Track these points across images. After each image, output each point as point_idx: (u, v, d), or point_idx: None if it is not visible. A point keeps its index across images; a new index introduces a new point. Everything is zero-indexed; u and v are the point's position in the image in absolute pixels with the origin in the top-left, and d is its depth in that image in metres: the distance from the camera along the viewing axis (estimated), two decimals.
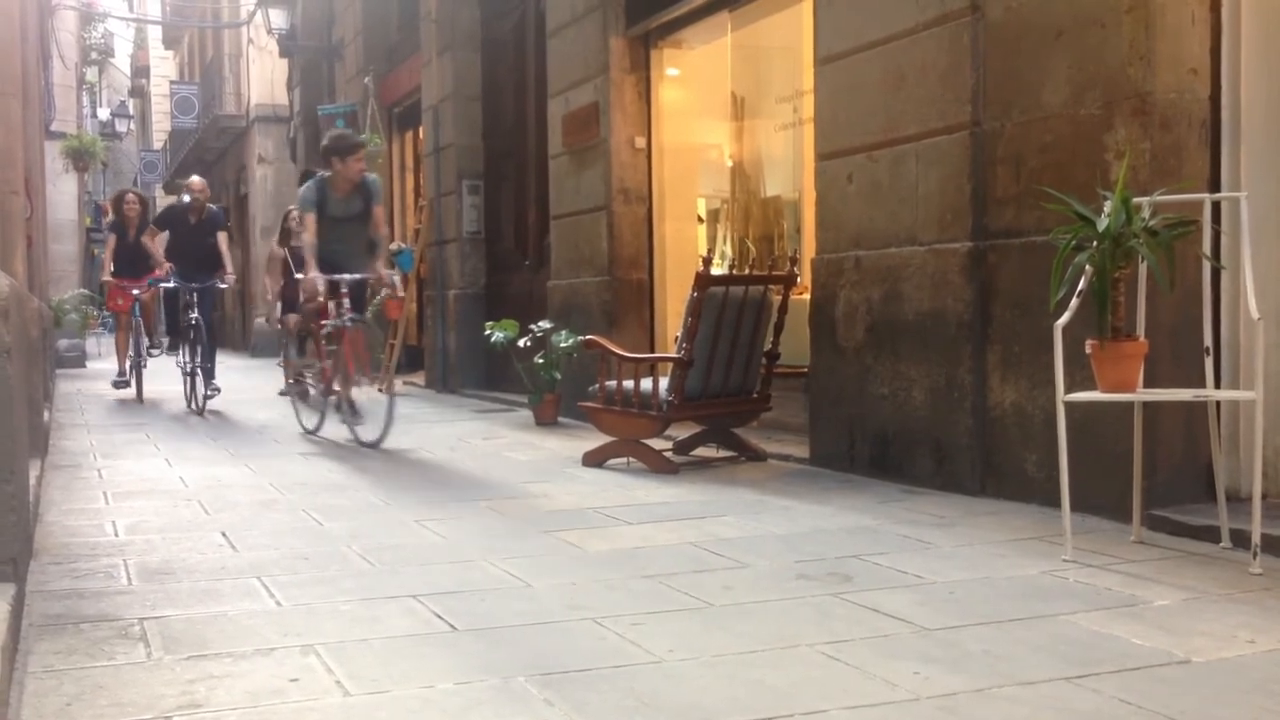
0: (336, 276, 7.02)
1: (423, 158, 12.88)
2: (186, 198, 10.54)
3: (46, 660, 2.74)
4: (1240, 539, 3.69)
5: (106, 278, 10.71)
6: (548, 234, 9.45)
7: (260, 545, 4.10)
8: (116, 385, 10.79)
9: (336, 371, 7.12)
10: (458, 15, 11.49)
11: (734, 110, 8.51)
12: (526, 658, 2.74)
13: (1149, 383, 3.84)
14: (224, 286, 10.27)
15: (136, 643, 2.89)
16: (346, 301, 7.08)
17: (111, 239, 10.92)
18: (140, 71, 39.63)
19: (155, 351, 11.02)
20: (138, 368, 10.60)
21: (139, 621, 3.07)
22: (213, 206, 10.76)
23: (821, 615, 3.11)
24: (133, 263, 10.58)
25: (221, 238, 10.25)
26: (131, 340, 10.57)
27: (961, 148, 4.91)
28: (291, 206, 11.81)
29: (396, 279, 7.30)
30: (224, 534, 4.30)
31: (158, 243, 10.28)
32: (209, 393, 9.59)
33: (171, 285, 9.85)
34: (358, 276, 7.23)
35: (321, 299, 6.93)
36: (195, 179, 10.67)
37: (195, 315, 9.69)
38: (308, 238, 7.00)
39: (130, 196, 11.02)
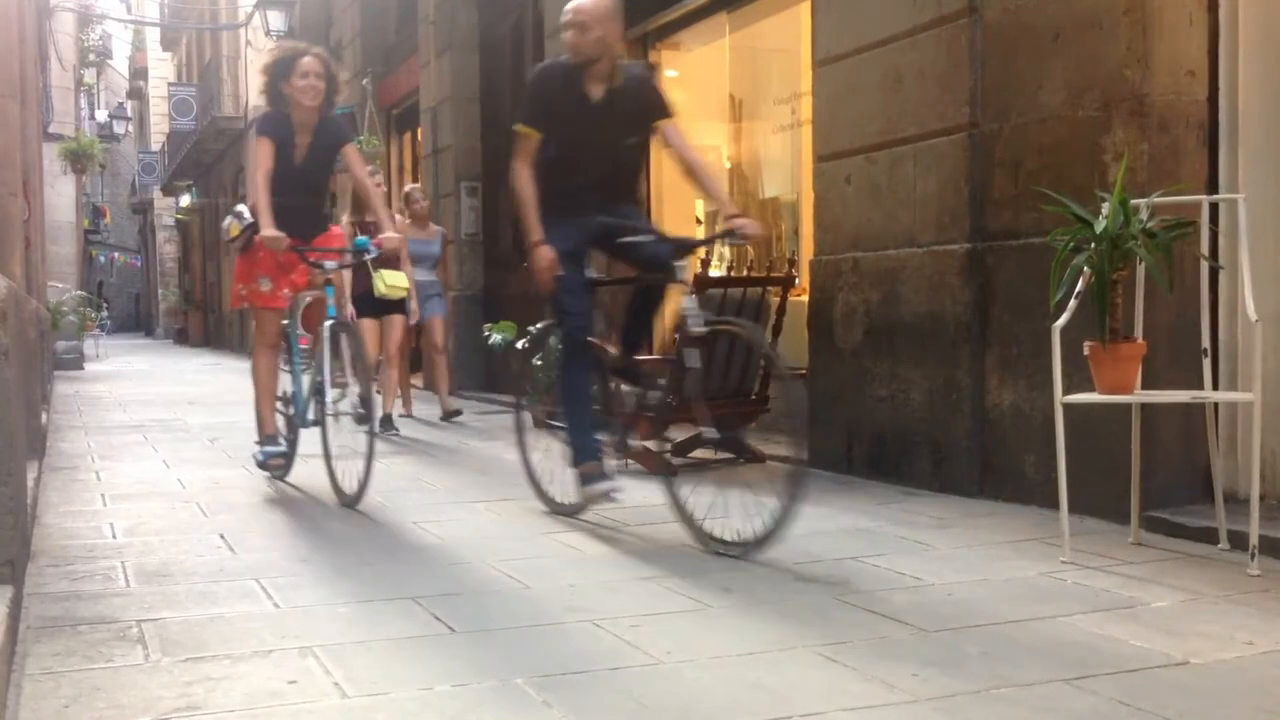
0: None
1: (421, 160, 12.88)
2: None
3: (44, 662, 2.73)
4: (1238, 540, 3.69)
5: (270, 231, 4.98)
6: None
7: (258, 547, 4.10)
8: (267, 461, 5.47)
9: None
10: (456, 17, 11.50)
11: (732, 112, 8.51)
12: (525, 660, 2.74)
13: (1147, 384, 3.85)
14: (747, 238, 4.28)
15: (134, 645, 2.88)
16: None
17: (266, 149, 5.19)
18: (138, 73, 39.66)
19: (337, 394, 5.11)
20: (299, 428, 5.40)
21: (137, 624, 3.07)
22: (632, 64, 4.74)
23: (820, 617, 3.11)
24: (298, 208, 5.25)
25: (670, 130, 4.50)
26: (291, 368, 5.52)
27: (959, 149, 4.92)
28: (370, 168, 7.11)
29: None
30: (222, 536, 4.29)
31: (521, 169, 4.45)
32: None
33: (633, 238, 4.34)
34: None
35: None
36: (583, 5, 4.35)
37: (691, 308, 4.14)
38: None
39: (307, 64, 5.18)
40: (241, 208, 5.50)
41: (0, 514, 2.99)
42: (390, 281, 5.20)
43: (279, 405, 5.57)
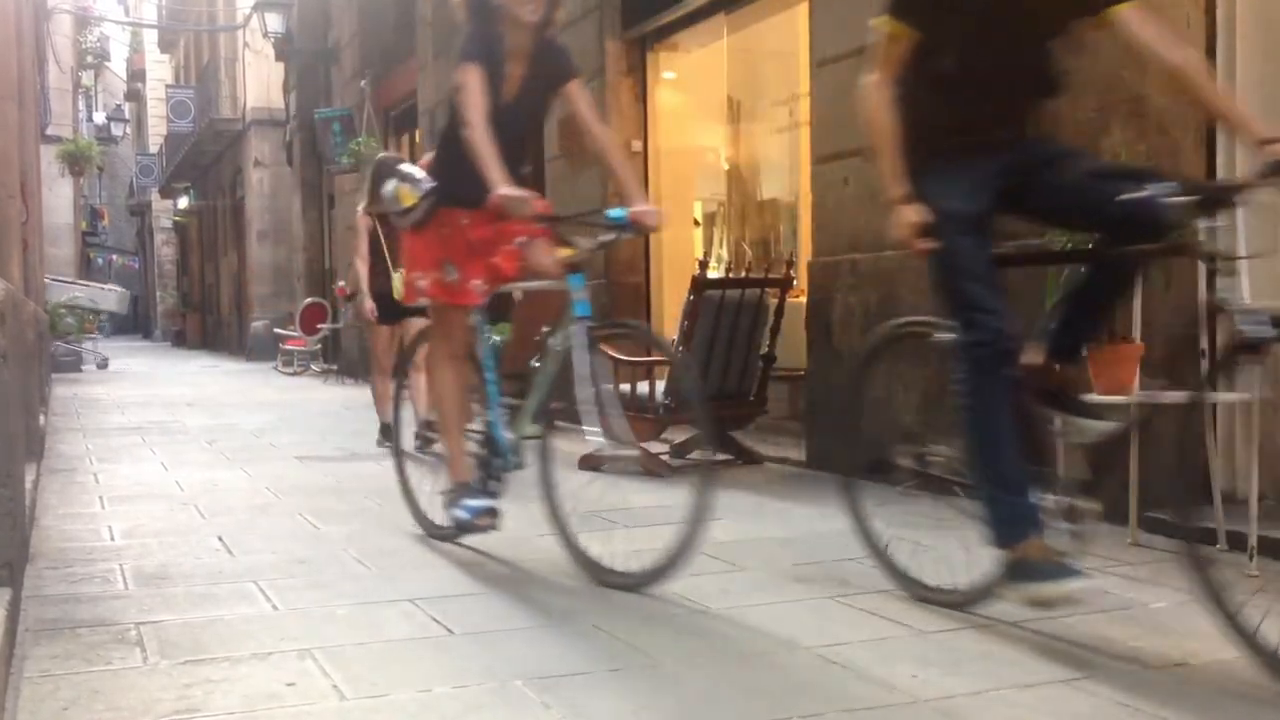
0: None
1: (420, 161, 12.88)
2: None
3: (43, 665, 2.73)
4: (1237, 541, 3.69)
5: (511, 190, 3.45)
6: None
7: (257, 549, 4.10)
8: (474, 520, 3.89)
9: None
10: (454, 18, 11.48)
11: (730, 113, 8.52)
12: (524, 661, 2.74)
13: (1145, 385, 3.84)
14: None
15: (133, 647, 2.88)
16: None
17: (476, 80, 3.69)
18: (136, 75, 39.61)
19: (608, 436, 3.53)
20: (502, 473, 3.96)
21: (135, 626, 3.07)
22: None
23: (819, 618, 3.11)
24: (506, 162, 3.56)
25: (1133, 18, 2.93)
26: (485, 391, 4.03)
27: None
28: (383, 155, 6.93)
29: None
30: (220, 538, 4.29)
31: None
32: None
33: (1134, 195, 2.67)
34: None
35: None
36: None
37: (1237, 299, 3.07)
38: None
39: None
40: (408, 168, 4.18)
41: None
42: None
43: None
